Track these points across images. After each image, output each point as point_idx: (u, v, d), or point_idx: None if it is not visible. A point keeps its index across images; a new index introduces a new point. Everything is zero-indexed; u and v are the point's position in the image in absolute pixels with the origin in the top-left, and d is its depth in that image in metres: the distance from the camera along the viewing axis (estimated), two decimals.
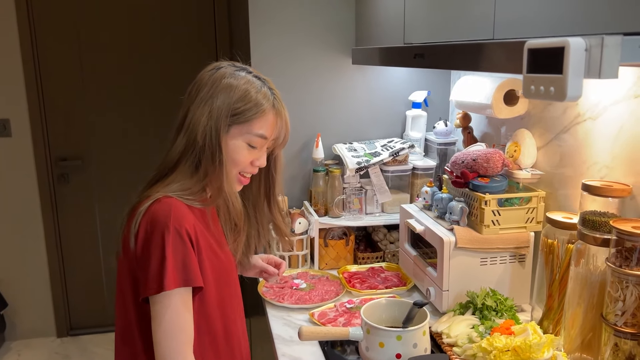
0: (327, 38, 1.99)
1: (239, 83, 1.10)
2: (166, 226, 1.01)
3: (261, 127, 1.12)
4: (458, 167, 1.55)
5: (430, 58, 1.09)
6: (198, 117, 1.08)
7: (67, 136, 3.06)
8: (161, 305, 1.01)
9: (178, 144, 1.10)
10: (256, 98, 1.10)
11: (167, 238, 1.00)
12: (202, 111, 1.08)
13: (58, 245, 3.14)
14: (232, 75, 1.11)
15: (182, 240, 1.02)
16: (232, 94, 1.09)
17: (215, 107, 1.08)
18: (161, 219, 1.02)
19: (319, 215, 1.90)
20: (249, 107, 1.09)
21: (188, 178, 1.10)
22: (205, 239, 1.10)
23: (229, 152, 1.11)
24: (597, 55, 0.58)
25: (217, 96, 1.08)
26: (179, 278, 1.01)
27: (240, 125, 1.10)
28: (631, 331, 1.09)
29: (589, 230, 1.18)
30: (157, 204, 1.04)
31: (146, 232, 1.03)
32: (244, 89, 1.09)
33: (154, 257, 1.01)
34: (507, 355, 1.16)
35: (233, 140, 1.11)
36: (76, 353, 3.10)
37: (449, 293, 1.47)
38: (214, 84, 1.09)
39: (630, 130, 1.21)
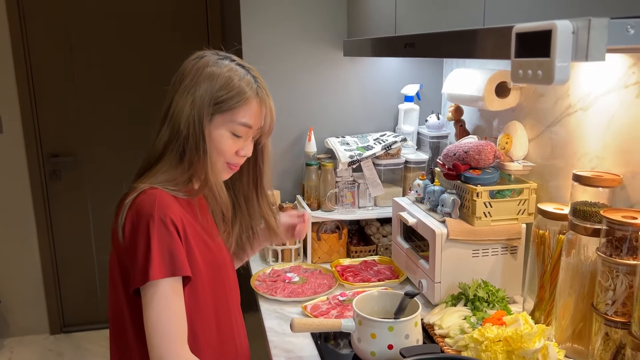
0: (320, 31, 1.99)
1: (221, 71, 1.08)
2: (151, 217, 1.00)
3: (245, 115, 1.10)
4: (450, 160, 1.55)
5: (420, 47, 1.08)
6: (181, 107, 1.07)
7: (58, 132, 3.05)
8: (150, 296, 1.00)
9: (162, 134, 1.09)
10: (239, 86, 1.09)
11: (152, 228, 1.00)
12: (185, 100, 1.07)
13: (51, 242, 3.13)
14: (215, 63, 1.09)
15: (167, 230, 1.01)
16: (214, 82, 1.07)
17: (197, 96, 1.07)
18: (146, 210, 1.01)
19: (311, 209, 1.90)
20: (232, 95, 1.08)
21: (173, 168, 1.09)
22: (193, 229, 1.10)
23: (213, 142, 1.10)
24: (584, 38, 0.58)
25: (199, 85, 1.07)
26: (165, 268, 1.00)
27: (223, 114, 1.09)
28: (621, 320, 1.09)
29: (579, 221, 1.19)
30: (142, 195, 1.04)
31: (132, 224, 1.02)
32: (226, 77, 1.08)
33: (140, 248, 1.00)
34: (498, 346, 1.16)
35: (217, 129, 1.10)
36: (69, 350, 3.09)
37: (441, 285, 1.47)
38: (196, 72, 1.08)
39: (620, 120, 1.21)
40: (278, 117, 1.98)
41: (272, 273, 1.75)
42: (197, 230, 1.11)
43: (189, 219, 1.09)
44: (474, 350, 1.19)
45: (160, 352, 0.99)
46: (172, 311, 1.01)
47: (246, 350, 1.29)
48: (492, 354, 1.15)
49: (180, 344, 1.01)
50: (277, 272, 1.75)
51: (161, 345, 0.99)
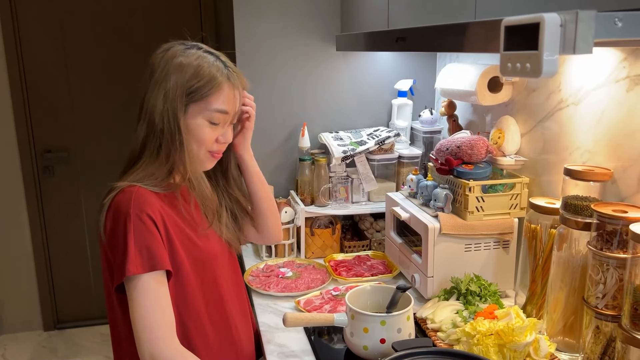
0: (313, 26, 1.98)
1: (190, 60, 1.08)
2: (127, 214, 1.02)
3: (219, 101, 1.09)
4: (443, 155, 1.55)
5: (411, 41, 1.08)
6: (154, 102, 1.07)
7: (51, 128, 3.03)
8: (132, 292, 1.01)
9: (139, 131, 1.10)
10: (209, 73, 1.07)
11: (128, 225, 1.01)
12: (157, 95, 1.07)
13: (44, 238, 3.12)
14: (182, 53, 1.09)
15: (144, 226, 1.02)
16: (184, 72, 1.06)
17: (169, 88, 1.06)
18: (123, 208, 1.03)
19: (305, 204, 1.90)
20: (203, 83, 1.07)
21: (152, 164, 1.09)
22: (176, 224, 1.10)
23: (191, 133, 1.09)
24: (571, 30, 0.58)
25: (169, 77, 1.06)
26: (143, 263, 1.00)
27: (197, 103, 1.08)
28: (612, 313, 1.10)
29: (571, 215, 1.19)
30: (120, 194, 1.05)
31: (111, 222, 1.04)
32: (195, 65, 1.07)
33: (119, 245, 1.01)
34: (490, 339, 1.17)
35: (193, 119, 1.09)
36: (63, 347, 3.08)
37: (433, 279, 1.48)
38: (165, 65, 1.08)
39: (611, 114, 1.22)
40: (271, 113, 2.00)
41: (265, 268, 1.75)
42: (179, 224, 1.11)
43: (171, 214, 1.09)
44: (466, 344, 1.20)
45: (150, 347, 0.99)
46: (158, 305, 1.01)
47: (249, 342, 1.28)
48: (484, 347, 1.16)
49: (169, 336, 1.01)
50: (270, 267, 1.75)
51: (150, 340, 0.99)
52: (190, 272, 1.12)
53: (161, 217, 1.06)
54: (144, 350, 0.99)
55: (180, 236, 1.10)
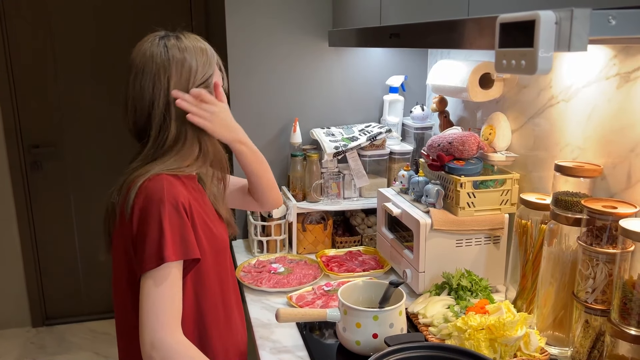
0: (305, 22, 1.98)
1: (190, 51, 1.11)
2: (161, 201, 1.02)
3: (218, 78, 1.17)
4: (434, 151, 1.56)
5: (405, 37, 1.08)
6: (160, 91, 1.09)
7: (39, 122, 3.00)
8: (155, 280, 1.00)
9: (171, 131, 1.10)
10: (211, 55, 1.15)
11: (163, 212, 1.01)
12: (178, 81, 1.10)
13: (32, 234, 3.09)
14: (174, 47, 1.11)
15: (178, 214, 1.03)
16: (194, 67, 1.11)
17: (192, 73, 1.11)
18: (156, 195, 1.02)
19: (297, 200, 1.90)
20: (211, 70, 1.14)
21: (181, 150, 1.11)
22: (199, 213, 1.11)
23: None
24: (566, 28, 0.58)
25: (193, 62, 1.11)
26: (179, 250, 1.01)
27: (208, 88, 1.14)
28: (601, 308, 1.11)
29: (561, 210, 1.21)
30: (149, 181, 1.05)
31: (141, 210, 1.02)
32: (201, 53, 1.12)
33: (152, 232, 1.01)
34: (481, 334, 1.18)
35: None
36: (52, 343, 3.06)
37: (425, 274, 1.48)
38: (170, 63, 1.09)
39: (601, 111, 1.23)
40: (263, 108, 2.00)
41: (257, 264, 1.75)
42: (201, 214, 1.12)
43: (195, 204, 1.11)
44: (457, 338, 1.21)
45: (152, 333, 0.98)
46: (171, 292, 1.01)
47: (244, 333, 1.30)
48: (475, 341, 1.17)
49: (173, 325, 1.01)
50: (262, 263, 1.75)
51: (154, 327, 0.98)
52: (210, 262, 1.14)
53: (190, 207, 1.07)
54: (145, 336, 0.98)
55: (203, 225, 1.12)
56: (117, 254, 1.11)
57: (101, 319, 3.21)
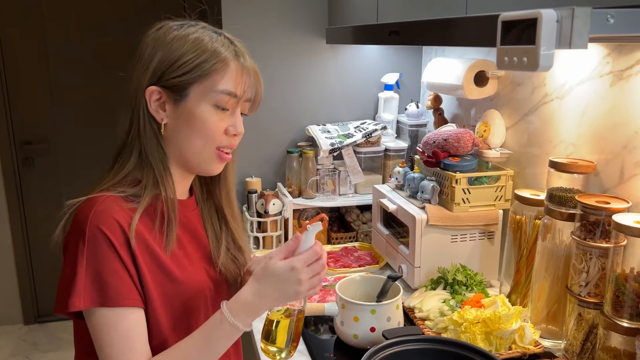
0: (301, 19, 1.99)
1: (186, 34, 0.90)
2: (82, 231, 0.83)
3: (224, 81, 0.89)
4: (430, 147, 1.57)
5: (405, 35, 1.10)
6: (139, 85, 0.89)
7: (31, 119, 2.98)
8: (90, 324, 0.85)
9: (122, 124, 0.92)
10: (212, 47, 0.89)
11: (80, 245, 0.83)
12: (143, 76, 0.89)
13: (24, 231, 3.07)
14: (178, 28, 0.91)
15: (100, 247, 0.82)
16: (180, 46, 0.88)
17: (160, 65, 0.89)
18: (79, 223, 0.84)
19: (292, 196, 1.91)
20: (205, 57, 0.88)
21: (137, 166, 0.91)
22: (150, 248, 0.88)
23: (194, 122, 0.89)
24: (567, 26, 0.60)
25: (163, 53, 0.89)
26: (93, 295, 0.82)
27: (199, 84, 0.88)
28: (594, 301, 1.14)
29: (555, 206, 1.23)
30: (84, 203, 0.87)
31: (66, 238, 0.87)
32: (193, 39, 0.89)
33: (65, 269, 0.85)
34: (477, 327, 1.20)
35: (196, 105, 0.89)
36: (44, 340, 3.05)
37: (420, 270, 1.50)
38: (156, 42, 0.90)
39: (595, 109, 1.26)
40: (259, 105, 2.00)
41: None
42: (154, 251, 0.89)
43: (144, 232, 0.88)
44: (453, 332, 1.23)
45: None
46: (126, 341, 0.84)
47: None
48: (471, 335, 1.19)
49: None
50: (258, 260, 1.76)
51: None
52: (163, 315, 0.90)
53: (124, 236, 0.85)
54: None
55: (153, 266, 0.89)
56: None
57: None
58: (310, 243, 0.90)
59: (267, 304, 0.88)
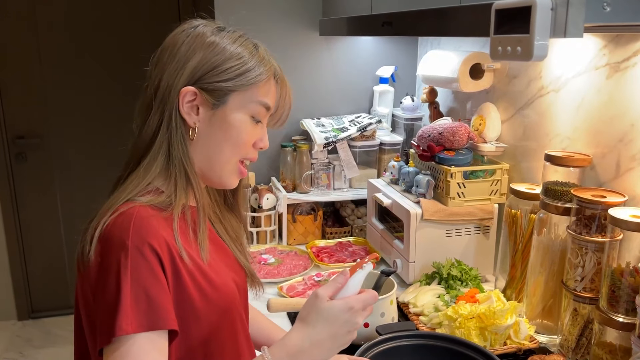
0: (294, 11, 1.96)
1: (227, 41, 0.87)
2: (123, 246, 0.74)
3: (265, 94, 0.88)
4: (425, 141, 1.56)
5: (398, 25, 1.08)
6: (173, 85, 0.83)
7: (24, 113, 2.95)
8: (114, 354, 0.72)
9: (150, 124, 0.84)
10: (258, 57, 0.87)
11: (123, 262, 0.74)
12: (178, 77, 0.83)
13: (17, 226, 3.04)
14: (215, 33, 0.87)
15: (146, 263, 0.75)
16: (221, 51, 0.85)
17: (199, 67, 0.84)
18: (116, 237, 0.76)
19: (287, 191, 1.89)
20: (251, 67, 0.85)
21: (165, 170, 0.84)
22: (189, 256, 0.82)
23: (229, 130, 0.85)
24: (562, 14, 0.58)
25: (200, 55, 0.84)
26: (140, 318, 0.73)
27: (241, 92, 0.85)
28: (589, 296, 1.13)
29: (551, 200, 1.22)
30: (117, 216, 0.78)
31: (100, 256, 0.77)
32: (236, 46, 0.87)
33: (107, 291, 0.74)
34: (471, 322, 1.19)
35: (233, 112, 0.86)
36: (38, 336, 3.03)
37: (415, 264, 1.49)
38: (192, 43, 0.84)
39: (591, 101, 1.24)
40: None
41: None
42: (193, 258, 0.83)
43: (186, 245, 0.82)
44: (448, 327, 1.22)
45: None
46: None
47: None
48: (465, 330, 1.18)
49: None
50: (252, 254, 1.74)
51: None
52: (206, 331, 0.83)
53: (168, 250, 0.78)
54: None
55: (198, 278, 0.82)
56: (78, 303, 0.85)
57: None
58: (360, 283, 0.84)
59: (318, 354, 0.79)
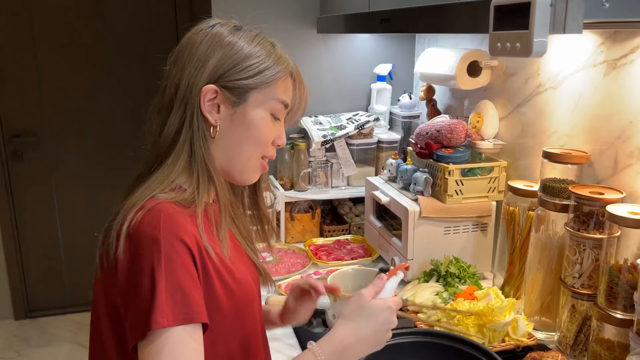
0: (292, 9, 1.96)
1: (245, 40, 0.87)
2: (155, 241, 0.75)
3: (284, 91, 0.90)
4: (422, 138, 1.56)
5: (396, 22, 1.08)
6: (195, 83, 0.84)
7: (20, 111, 2.93)
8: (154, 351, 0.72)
9: (170, 123, 0.84)
10: (276, 55, 0.89)
11: (157, 257, 0.74)
12: (199, 74, 0.84)
13: (13, 225, 3.03)
14: (233, 33, 0.88)
15: (179, 258, 0.76)
16: (241, 49, 0.86)
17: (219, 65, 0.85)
18: (147, 232, 0.76)
19: (285, 189, 1.89)
20: (270, 64, 0.87)
21: (187, 168, 0.85)
22: (217, 255, 0.83)
23: (250, 127, 0.87)
24: (561, 10, 0.58)
25: (220, 54, 0.85)
26: (176, 312, 0.73)
27: (261, 90, 0.86)
28: (587, 292, 1.13)
29: (549, 197, 1.22)
30: (144, 213, 0.78)
31: (130, 254, 0.76)
32: (257, 44, 0.88)
33: (142, 286, 0.74)
34: (470, 319, 1.19)
35: (254, 110, 0.87)
36: (36, 335, 3.02)
37: (413, 262, 1.49)
38: (211, 42, 0.85)
39: (588, 98, 1.24)
40: None
41: None
42: (218, 254, 0.84)
43: (210, 241, 0.83)
44: (446, 324, 1.22)
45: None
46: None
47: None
48: (464, 327, 1.18)
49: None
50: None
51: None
52: (231, 323, 0.85)
53: (197, 245, 0.79)
54: None
55: (222, 273, 0.83)
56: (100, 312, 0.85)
57: (85, 310, 3.17)
58: (394, 288, 0.94)
59: (362, 350, 0.86)
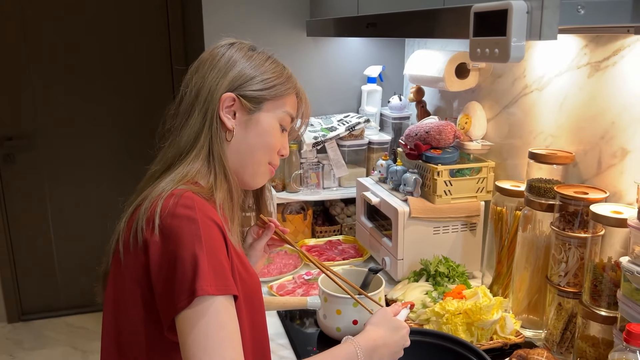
0: (282, 12, 1.97)
1: (261, 59, 0.97)
2: (193, 219, 0.80)
3: (291, 105, 0.99)
4: (411, 140, 1.57)
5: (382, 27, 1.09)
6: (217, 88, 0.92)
7: (11, 114, 2.93)
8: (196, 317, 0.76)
9: (192, 125, 0.92)
10: (288, 74, 0.99)
11: (196, 232, 0.79)
12: (221, 81, 0.92)
13: (6, 228, 3.03)
14: (249, 54, 0.98)
15: (215, 234, 0.82)
16: (258, 65, 0.96)
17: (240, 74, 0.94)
18: (183, 212, 0.81)
19: (276, 190, 1.90)
20: (282, 80, 0.97)
21: (205, 167, 0.91)
22: (233, 247, 0.89)
23: (262, 134, 0.95)
24: (537, 17, 0.60)
25: (240, 66, 0.94)
26: (218, 282, 0.78)
27: (273, 101, 0.95)
28: (573, 290, 1.15)
29: (535, 197, 1.24)
30: (172, 198, 0.83)
31: (164, 235, 0.80)
32: (272, 62, 0.99)
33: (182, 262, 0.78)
34: (458, 318, 1.21)
35: (267, 118, 0.95)
36: (29, 338, 3.02)
37: (403, 262, 1.51)
38: (232, 56, 0.95)
39: (573, 100, 1.26)
40: None
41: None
42: (236, 250, 0.90)
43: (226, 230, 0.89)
44: (435, 323, 1.24)
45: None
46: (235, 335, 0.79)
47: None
48: (452, 326, 1.20)
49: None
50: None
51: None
52: (244, 313, 0.89)
53: (224, 232, 0.85)
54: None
55: (238, 264, 0.89)
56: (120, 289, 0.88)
57: (78, 313, 3.17)
58: (405, 317, 1.10)
59: (385, 353, 0.98)
